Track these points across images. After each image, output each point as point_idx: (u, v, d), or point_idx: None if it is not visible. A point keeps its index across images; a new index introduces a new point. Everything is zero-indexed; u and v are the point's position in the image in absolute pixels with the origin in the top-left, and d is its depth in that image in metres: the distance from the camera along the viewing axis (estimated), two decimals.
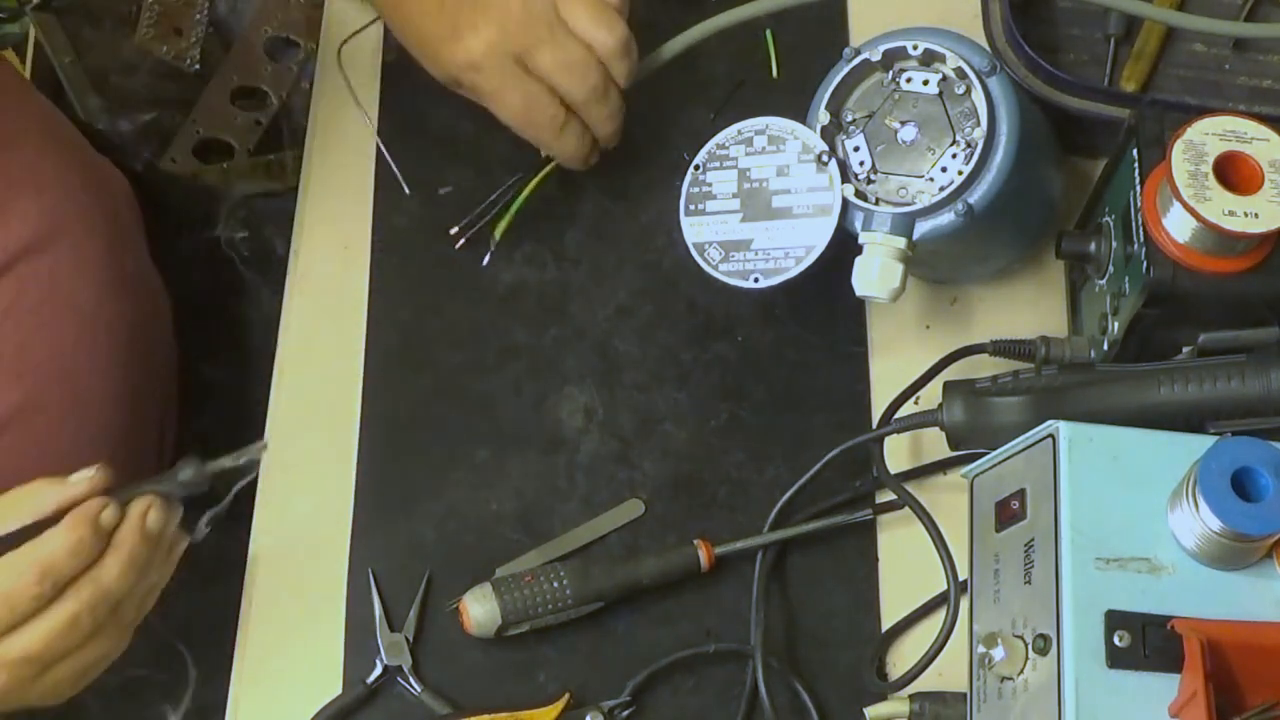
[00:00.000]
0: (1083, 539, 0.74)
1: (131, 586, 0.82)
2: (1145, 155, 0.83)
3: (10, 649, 0.79)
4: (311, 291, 1.03)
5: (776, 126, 0.90)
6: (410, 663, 0.90)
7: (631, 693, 0.88)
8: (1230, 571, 0.74)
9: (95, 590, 0.80)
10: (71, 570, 0.79)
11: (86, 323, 1.00)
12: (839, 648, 0.90)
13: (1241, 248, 0.79)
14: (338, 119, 1.08)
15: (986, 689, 0.77)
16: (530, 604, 0.88)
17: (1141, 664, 0.71)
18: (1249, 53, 1.01)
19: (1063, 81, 0.94)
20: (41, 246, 0.97)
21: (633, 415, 0.97)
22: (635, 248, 1.02)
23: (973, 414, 0.85)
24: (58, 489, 0.81)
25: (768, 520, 0.92)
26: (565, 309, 1.01)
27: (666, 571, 0.90)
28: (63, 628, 0.79)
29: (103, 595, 0.80)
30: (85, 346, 1.00)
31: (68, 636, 0.80)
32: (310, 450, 0.97)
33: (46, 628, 0.79)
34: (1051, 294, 0.98)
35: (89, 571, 0.80)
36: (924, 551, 0.84)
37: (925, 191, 0.88)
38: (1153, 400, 0.81)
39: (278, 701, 0.90)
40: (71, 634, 0.80)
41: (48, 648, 0.79)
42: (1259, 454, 0.72)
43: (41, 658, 0.80)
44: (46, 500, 0.80)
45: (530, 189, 0.98)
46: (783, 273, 0.88)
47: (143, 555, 0.81)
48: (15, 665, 0.79)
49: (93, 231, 1.02)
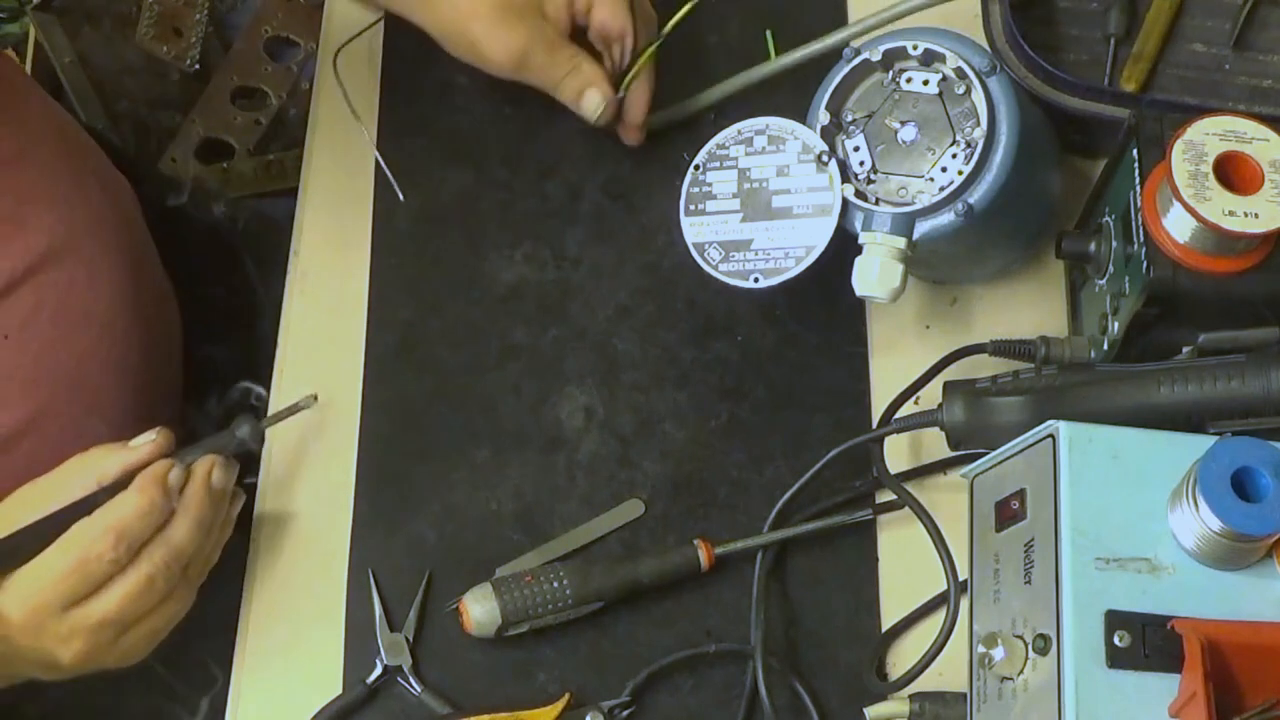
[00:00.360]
0: (1083, 539, 0.74)
1: (200, 545, 0.84)
2: (1145, 155, 0.83)
3: (90, 614, 0.81)
4: (311, 291, 1.03)
5: (776, 126, 0.90)
6: (410, 663, 0.90)
7: (631, 693, 0.88)
8: (1230, 571, 0.74)
9: (168, 551, 0.82)
10: (145, 532, 0.81)
11: (101, 333, 1.00)
12: (839, 648, 0.90)
13: (1241, 248, 0.79)
14: (337, 119, 1.08)
15: (986, 689, 0.77)
16: (530, 604, 0.88)
17: (1141, 664, 0.71)
18: (1249, 53, 1.01)
19: (1063, 81, 0.94)
20: (58, 257, 0.97)
21: (633, 415, 0.97)
22: (635, 248, 1.02)
23: (973, 414, 0.85)
24: (120, 454, 0.83)
25: (768, 520, 0.92)
26: (565, 309, 1.01)
27: (666, 571, 0.90)
28: (139, 590, 0.81)
29: (175, 555, 0.82)
30: (99, 356, 1.00)
31: (144, 598, 0.82)
32: (310, 450, 0.97)
33: (123, 591, 0.81)
34: (1051, 294, 0.98)
35: (160, 533, 0.82)
36: (924, 551, 0.84)
37: (925, 191, 0.88)
38: (1153, 400, 0.81)
39: (278, 701, 0.90)
40: (147, 595, 0.82)
41: (125, 610, 0.81)
42: (1259, 454, 0.72)
43: (119, 620, 0.82)
44: (110, 466, 0.83)
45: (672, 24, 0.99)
46: (783, 273, 0.88)
47: (209, 514, 0.84)
48: (94, 630, 0.81)
49: (107, 242, 1.02)
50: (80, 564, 0.80)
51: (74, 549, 0.80)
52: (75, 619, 0.81)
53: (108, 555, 0.80)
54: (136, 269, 1.06)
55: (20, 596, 0.81)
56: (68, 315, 0.98)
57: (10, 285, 0.94)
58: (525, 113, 1.07)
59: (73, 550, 0.80)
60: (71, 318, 0.98)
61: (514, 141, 1.06)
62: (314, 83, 1.12)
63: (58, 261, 0.97)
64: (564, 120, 1.03)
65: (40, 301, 0.96)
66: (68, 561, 0.80)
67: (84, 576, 0.80)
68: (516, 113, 1.07)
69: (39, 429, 0.97)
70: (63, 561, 0.80)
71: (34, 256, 0.96)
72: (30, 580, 0.81)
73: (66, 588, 0.80)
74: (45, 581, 0.80)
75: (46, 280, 0.96)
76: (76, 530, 0.81)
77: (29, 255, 0.95)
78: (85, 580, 0.80)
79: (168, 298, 1.15)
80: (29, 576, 0.81)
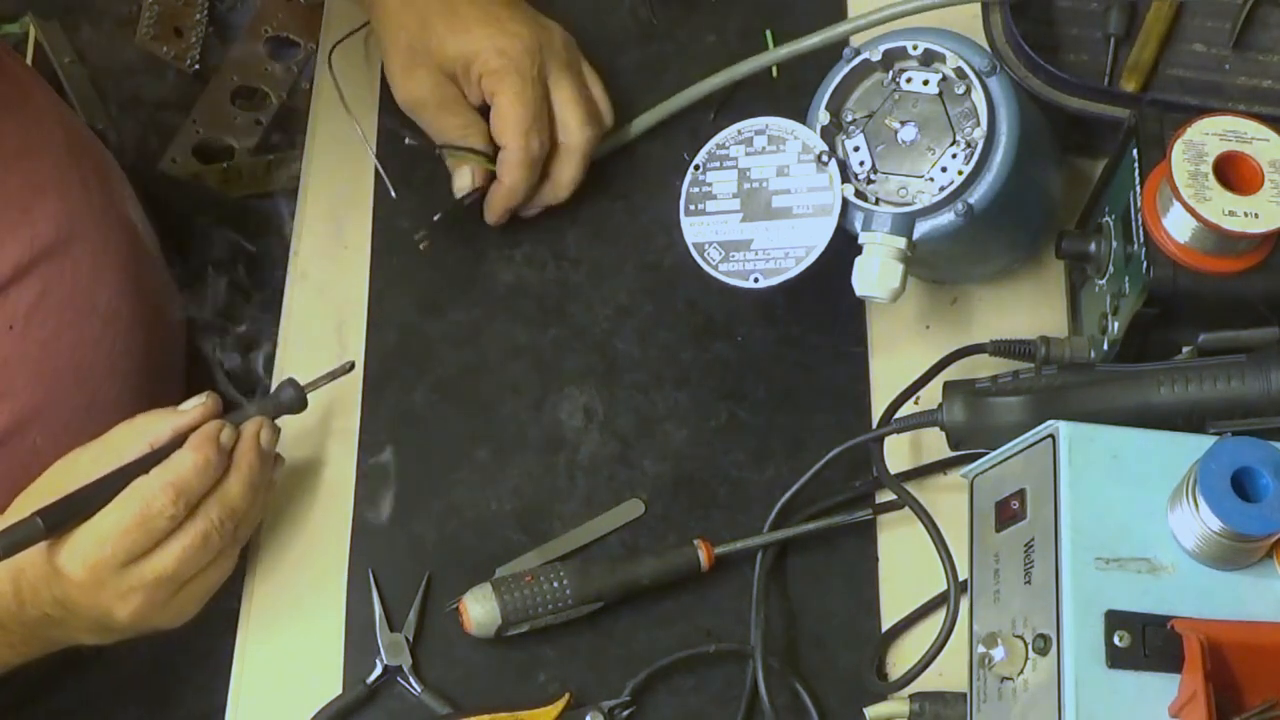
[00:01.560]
0: (1083, 539, 0.74)
1: (251, 504, 0.86)
2: (1145, 155, 0.83)
3: (148, 570, 0.82)
4: (311, 291, 1.03)
5: (776, 126, 0.90)
6: (410, 663, 0.90)
7: (631, 693, 0.88)
8: (1230, 571, 0.74)
9: (223, 508, 0.84)
10: (202, 488, 0.83)
11: (105, 325, 1.01)
12: (839, 648, 0.90)
13: (1241, 248, 0.79)
14: (337, 119, 1.08)
15: (986, 689, 0.77)
16: (530, 604, 0.88)
17: (1141, 664, 0.71)
18: (1249, 53, 1.01)
19: (1063, 81, 0.94)
20: (63, 248, 0.98)
21: (633, 415, 0.97)
22: (635, 248, 1.02)
23: (973, 414, 0.85)
24: (171, 418, 0.85)
25: (768, 520, 0.92)
26: (565, 309, 1.01)
27: (666, 571, 0.90)
28: (196, 546, 0.83)
29: (230, 512, 0.84)
30: (103, 349, 1.01)
31: (200, 555, 0.83)
32: (311, 450, 0.97)
33: (181, 546, 0.83)
34: (1051, 294, 0.98)
35: (215, 491, 0.84)
36: (924, 551, 0.84)
37: (925, 191, 0.88)
38: (1153, 400, 0.81)
39: (278, 701, 0.90)
40: (203, 552, 0.83)
41: (182, 566, 0.83)
42: (1259, 454, 0.72)
43: (176, 576, 0.83)
44: (161, 429, 0.85)
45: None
46: (783, 273, 0.88)
47: (259, 473, 0.86)
48: (152, 586, 0.83)
49: (110, 235, 1.02)
50: (141, 520, 0.81)
51: (134, 505, 0.82)
52: (134, 575, 0.82)
53: (167, 511, 0.82)
54: (139, 264, 1.06)
55: (82, 553, 0.82)
56: (72, 307, 0.98)
57: (16, 274, 0.95)
58: None
59: (133, 506, 0.82)
60: (76, 310, 0.99)
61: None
62: (314, 82, 1.12)
63: (63, 252, 0.98)
64: None
65: (45, 292, 0.96)
66: (129, 518, 0.82)
67: (145, 532, 0.82)
68: None
69: (43, 420, 0.97)
70: (124, 518, 0.82)
71: (40, 246, 0.96)
72: (91, 537, 0.82)
73: (128, 543, 0.82)
74: (107, 538, 0.82)
75: (51, 271, 0.97)
76: (136, 487, 0.82)
77: (35, 245, 0.96)
78: (146, 536, 0.82)
79: (170, 294, 1.16)
80: (90, 534, 0.82)
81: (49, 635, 0.88)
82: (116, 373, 1.02)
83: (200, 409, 0.86)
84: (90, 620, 0.85)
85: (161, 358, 1.09)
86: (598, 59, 1.05)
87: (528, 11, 1.01)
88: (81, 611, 0.84)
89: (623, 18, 1.10)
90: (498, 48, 0.97)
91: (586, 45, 1.05)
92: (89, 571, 0.82)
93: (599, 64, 1.04)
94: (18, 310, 0.95)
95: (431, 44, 0.98)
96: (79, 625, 0.86)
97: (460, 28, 0.98)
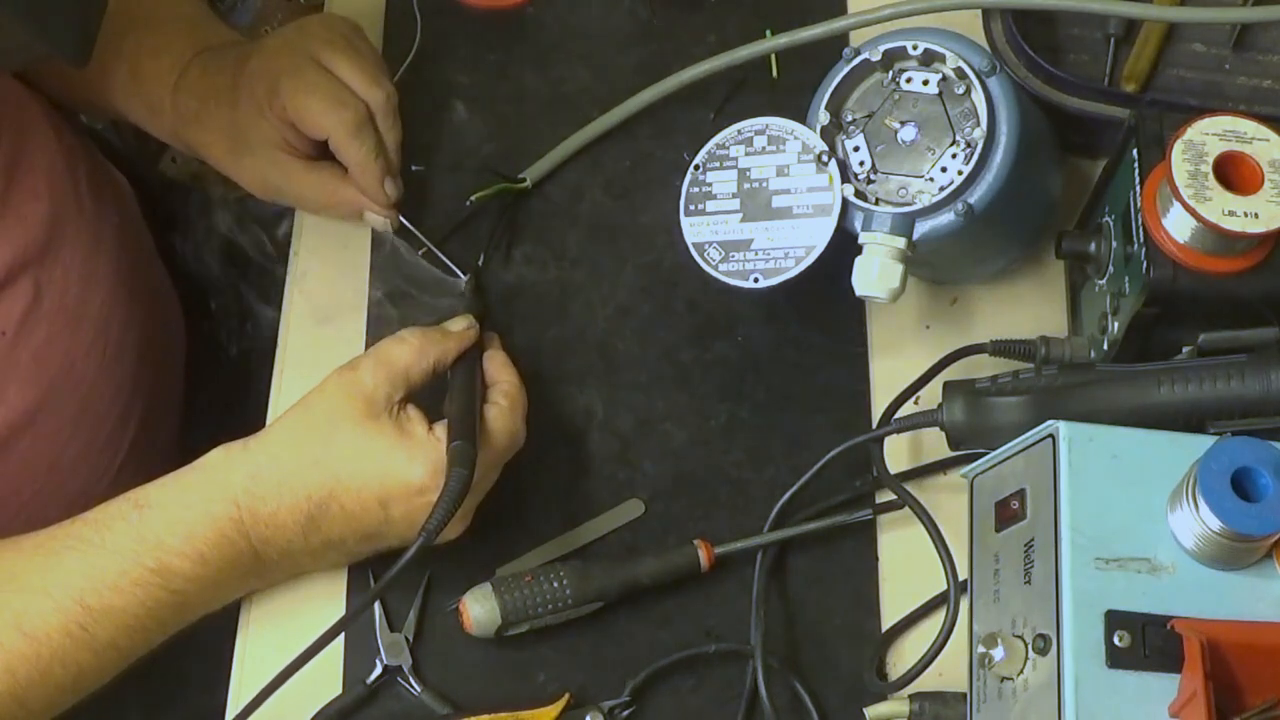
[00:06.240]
0: (1083, 539, 0.74)
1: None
2: (1145, 155, 0.83)
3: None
4: (311, 291, 1.03)
5: (776, 126, 0.90)
6: (410, 663, 0.90)
7: (631, 693, 0.88)
8: (1230, 571, 0.74)
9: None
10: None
11: (98, 329, 1.01)
12: (839, 648, 0.90)
13: (1241, 248, 0.79)
14: None
15: (986, 689, 0.77)
16: (530, 604, 0.88)
17: (1141, 664, 0.71)
18: (1249, 53, 1.01)
19: (1063, 81, 0.94)
20: (56, 251, 0.98)
21: (633, 415, 0.97)
22: (635, 248, 1.02)
23: (973, 414, 0.85)
24: (445, 342, 0.91)
25: (768, 520, 0.92)
26: (565, 309, 1.01)
27: (666, 571, 0.90)
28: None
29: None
30: (96, 353, 1.00)
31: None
32: None
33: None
34: (1051, 294, 0.98)
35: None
36: (924, 551, 0.84)
37: (925, 191, 0.88)
38: (1153, 400, 0.81)
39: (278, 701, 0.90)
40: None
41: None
42: (1259, 454, 0.72)
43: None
44: (449, 347, 0.91)
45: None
46: (783, 273, 0.88)
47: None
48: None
49: (101, 237, 1.02)
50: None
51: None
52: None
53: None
54: (133, 267, 1.06)
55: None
56: (66, 311, 0.98)
57: (8, 278, 0.94)
58: (525, 112, 1.07)
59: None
60: (70, 313, 0.98)
61: (513, 141, 1.06)
62: None
63: (55, 256, 0.97)
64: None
65: (37, 297, 0.96)
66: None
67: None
68: (516, 112, 1.07)
69: (37, 426, 0.97)
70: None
71: (35, 248, 0.96)
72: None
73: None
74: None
75: (45, 274, 0.97)
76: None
77: (31, 246, 0.96)
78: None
79: (167, 297, 1.15)
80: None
81: (331, 559, 0.91)
82: (110, 377, 1.02)
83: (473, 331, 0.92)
84: (396, 537, 0.88)
85: (158, 360, 1.09)
86: (598, 59, 1.05)
87: (272, 38, 1.00)
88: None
89: (623, 18, 1.10)
90: (265, 71, 0.97)
91: (587, 45, 1.05)
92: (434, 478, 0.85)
93: (599, 64, 1.04)
94: (11, 317, 0.95)
95: (241, 124, 0.98)
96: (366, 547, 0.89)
97: (239, 96, 0.98)
